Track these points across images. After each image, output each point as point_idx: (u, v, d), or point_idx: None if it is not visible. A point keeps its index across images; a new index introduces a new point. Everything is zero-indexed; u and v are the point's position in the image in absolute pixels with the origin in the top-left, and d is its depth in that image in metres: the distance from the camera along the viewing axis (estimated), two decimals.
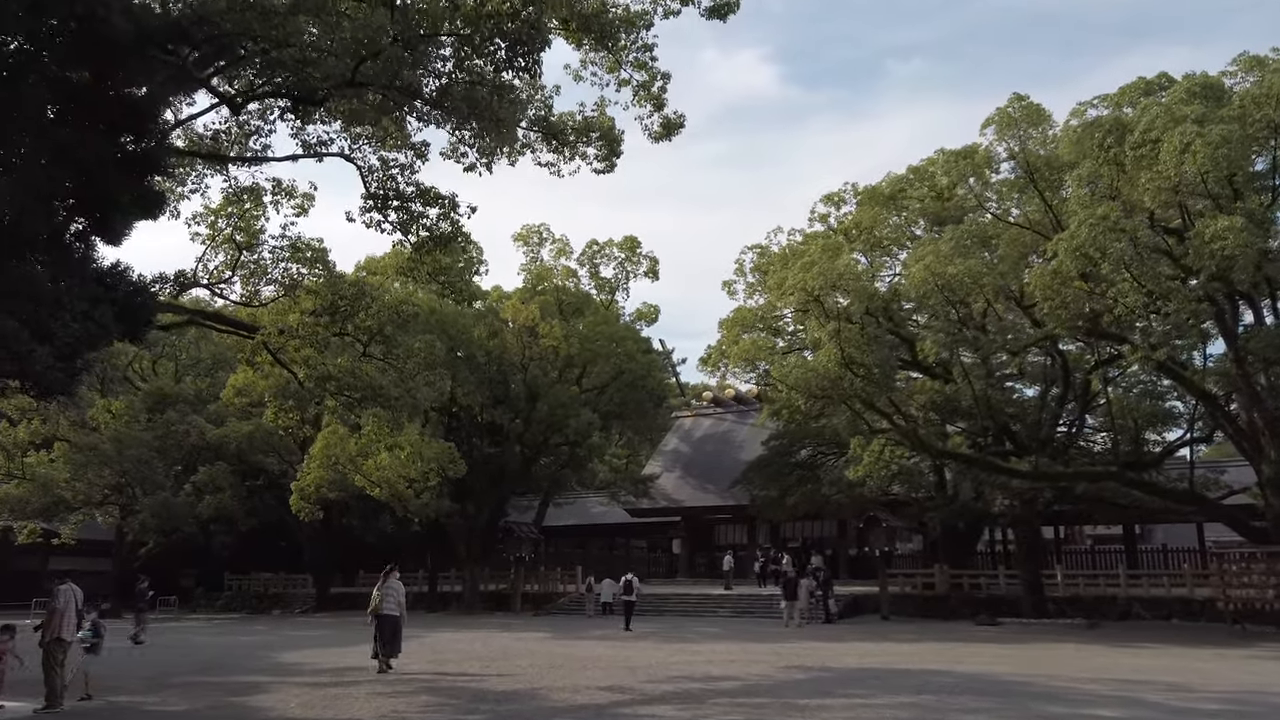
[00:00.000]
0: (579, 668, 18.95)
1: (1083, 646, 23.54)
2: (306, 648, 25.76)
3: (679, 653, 22.12)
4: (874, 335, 24.92)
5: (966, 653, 21.65)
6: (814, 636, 26.98)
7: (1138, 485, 28.12)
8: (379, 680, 17.63)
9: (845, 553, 44.53)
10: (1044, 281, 20.45)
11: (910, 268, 23.05)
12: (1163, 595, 33.02)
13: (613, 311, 40.91)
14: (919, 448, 27.65)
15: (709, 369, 30.86)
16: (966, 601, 35.60)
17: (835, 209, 30.79)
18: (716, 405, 55.15)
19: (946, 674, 17.11)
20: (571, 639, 26.94)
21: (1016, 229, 24.21)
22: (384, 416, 20.76)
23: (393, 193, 19.69)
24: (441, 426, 39.79)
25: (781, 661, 19.74)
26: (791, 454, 39.39)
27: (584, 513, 54.23)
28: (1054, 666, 18.41)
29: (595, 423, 37.75)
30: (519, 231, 40.81)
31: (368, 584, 50.24)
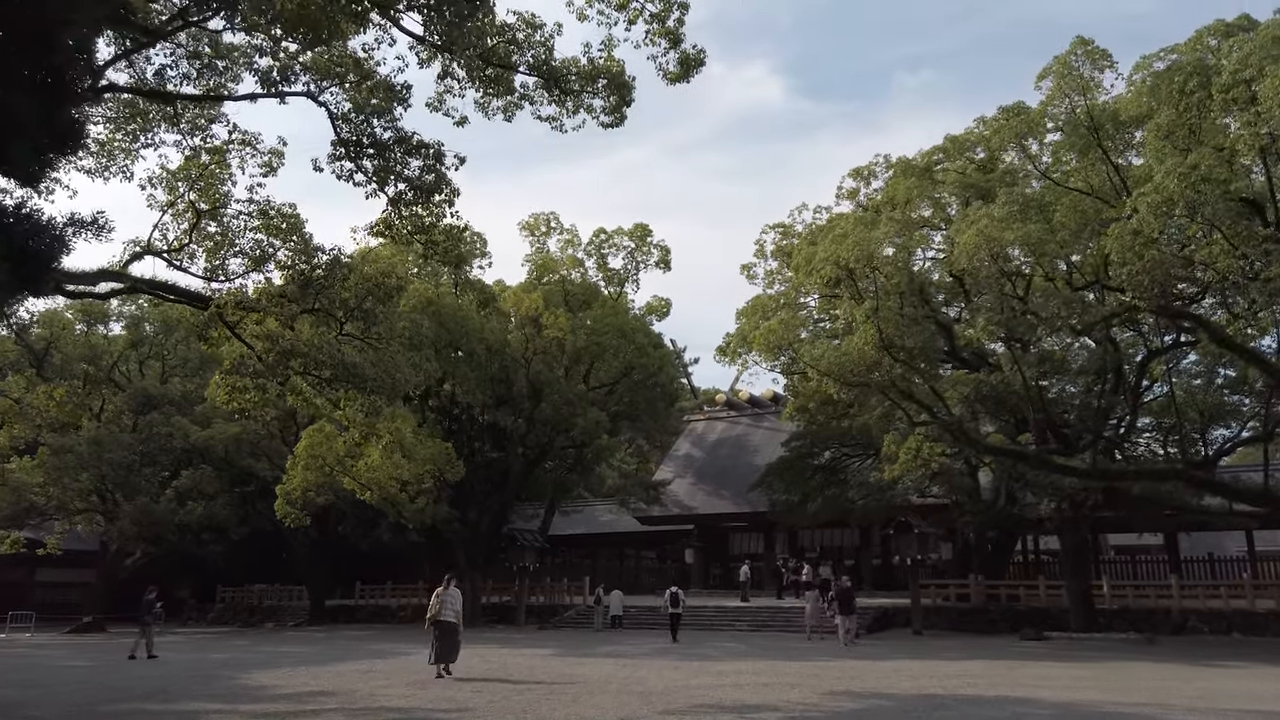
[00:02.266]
0: (584, 693, 15.74)
1: (1159, 665, 20.26)
2: (282, 666, 22.59)
3: (700, 673, 18.88)
4: (914, 316, 21.76)
5: (1032, 675, 18.36)
6: (847, 654, 23.71)
7: (1206, 485, 24.80)
8: (341, 709, 14.45)
9: (869, 562, 41.17)
10: (1123, 243, 17.33)
11: (961, 234, 19.93)
12: (1220, 607, 29.80)
13: (622, 304, 37.81)
14: (964, 443, 24.40)
15: (727, 359, 27.77)
16: (1005, 615, 32.41)
17: (864, 184, 27.68)
18: (730, 408, 51.91)
19: (1032, 703, 13.85)
20: (578, 656, 23.73)
21: (1075, 195, 21.07)
22: (358, 400, 17.68)
23: (368, 139, 16.67)
24: (440, 428, 36.67)
25: (822, 685, 16.49)
26: (814, 456, 36.14)
27: (592, 521, 50.99)
28: (1149, 693, 15.13)
29: (603, 423, 34.59)
30: (526, 220, 37.86)
31: (365, 596, 47.53)
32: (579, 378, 36.74)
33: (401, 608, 44.10)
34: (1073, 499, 27.21)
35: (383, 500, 30.81)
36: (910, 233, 22.62)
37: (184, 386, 42.90)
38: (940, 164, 26.68)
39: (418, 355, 19.30)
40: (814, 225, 27.97)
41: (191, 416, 40.66)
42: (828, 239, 22.38)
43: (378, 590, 46.11)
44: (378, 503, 31.48)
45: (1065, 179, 21.98)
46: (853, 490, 33.81)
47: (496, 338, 34.55)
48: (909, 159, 26.71)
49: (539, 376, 34.18)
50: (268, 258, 20.40)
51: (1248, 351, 21.78)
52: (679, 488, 46.05)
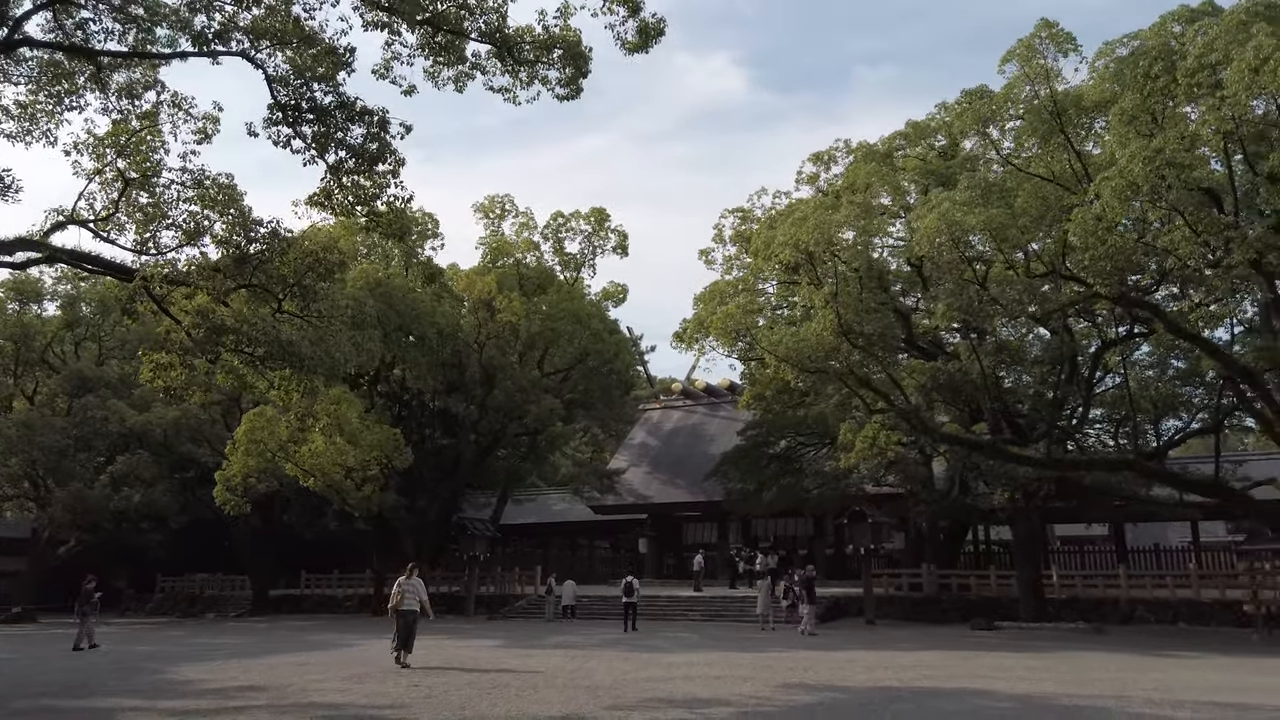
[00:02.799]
0: (528, 686, 15.02)
1: (1111, 655, 20.09)
2: (214, 659, 21.53)
3: (650, 665, 18.26)
4: (873, 302, 21.30)
5: (987, 666, 18.03)
6: (801, 644, 23.27)
7: (1157, 476, 24.76)
8: (269, 705, 13.57)
9: (823, 552, 40.90)
10: (1085, 228, 16.99)
11: (922, 218, 19.48)
12: (1167, 597, 29.98)
13: (578, 289, 36.92)
14: (921, 432, 24.05)
15: (684, 345, 27.14)
16: (956, 604, 32.35)
17: (824, 169, 27.19)
18: (686, 397, 51.37)
19: (989, 695, 13.43)
20: (525, 647, 23.00)
21: (1037, 181, 20.74)
22: (293, 379, 16.70)
23: (307, 103, 15.68)
24: (389, 414, 35.56)
25: (775, 678, 15.95)
26: (769, 445, 35.69)
27: (545, 510, 50.17)
28: (1105, 684, 14.82)
29: (558, 410, 33.78)
30: (480, 202, 36.75)
31: (311, 586, 46.26)
32: (533, 364, 35.86)
33: (348, 598, 42.98)
34: (1025, 489, 27.08)
35: (327, 487, 29.72)
36: (870, 217, 22.16)
37: (121, 369, 41.19)
38: (901, 149, 26.28)
39: (360, 335, 18.34)
40: (773, 210, 27.44)
41: (129, 400, 39.02)
42: (787, 223, 21.83)
43: (324, 580, 44.92)
44: (322, 490, 30.37)
45: (1027, 165, 21.66)
46: (808, 479, 33.44)
47: (448, 322, 33.53)
48: (870, 144, 26.27)
49: (492, 362, 33.24)
50: (203, 231, 19.24)
51: (1203, 341, 21.69)
52: (634, 477, 45.42)
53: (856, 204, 21.63)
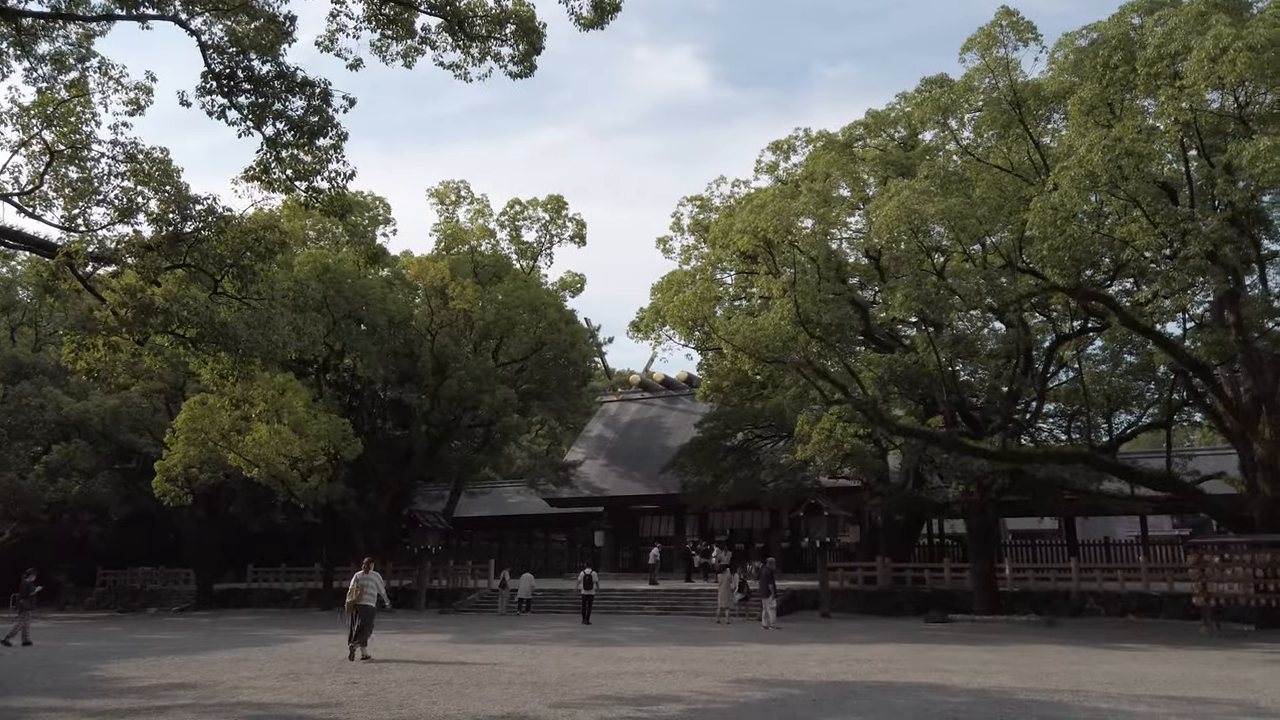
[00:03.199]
0: (472, 683, 14.40)
1: (1065, 648, 20.00)
2: (149, 655, 20.59)
3: (601, 660, 17.74)
4: (832, 291, 20.95)
5: (942, 659, 17.77)
6: (755, 638, 22.91)
7: (1111, 468, 24.78)
8: (195, 705, 12.81)
9: (778, 545, 40.70)
10: (1044, 217, 16.77)
11: (881, 206, 19.14)
12: (1117, 590, 30.15)
13: (534, 278, 36.16)
14: (877, 424, 23.79)
15: (641, 334, 26.59)
16: (911, 597, 32.30)
17: (784, 159, 26.80)
18: (644, 390, 50.88)
19: (945, 690, 13.10)
20: (475, 642, 22.35)
21: (996, 172, 20.54)
22: (229, 363, 15.87)
23: (244, 71, 14.86)
24: (338, 403, 34.57)
25: (729, 672, 15.52)
26: (726, 438, 35.35)
27: (500, 503, 49.40)
28: (1061, 677, 14.60)
29: (512, 400, 33.03)
30: (435, 188, 35.80)
31: (259, 579, 45.04)
32: (488, 353, 35.07)
33: (296, 591, 41.90)
34: (980, 482, 27.01)
35: (271, 478, 28.73)
36: (830, 206, 21.79)
37: (58, 355, 39.59)
38: (860, 139, 25.98)
39: (303, 318, 17.53)
40: (732, 199, 27.00)
41: (66, 388, 37.56)
42: (745, 210, 21.39)
43: (271, 573, 43.75)
44: (266, 480, 29.38)
45: (986, 155, 21.43)
46: (765, 472, 33.13)
47: (400, 310, 32.63)
48: (830, 134, 25.93)
49: (444, 351, 32.39)
50: (136, 208, 18.30)
51: (1156, 335, 21.68)
52: (590, 469, 44.84)
53: (816, 192, 21.26)
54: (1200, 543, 24.53)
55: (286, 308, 17.94)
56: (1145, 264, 17.41)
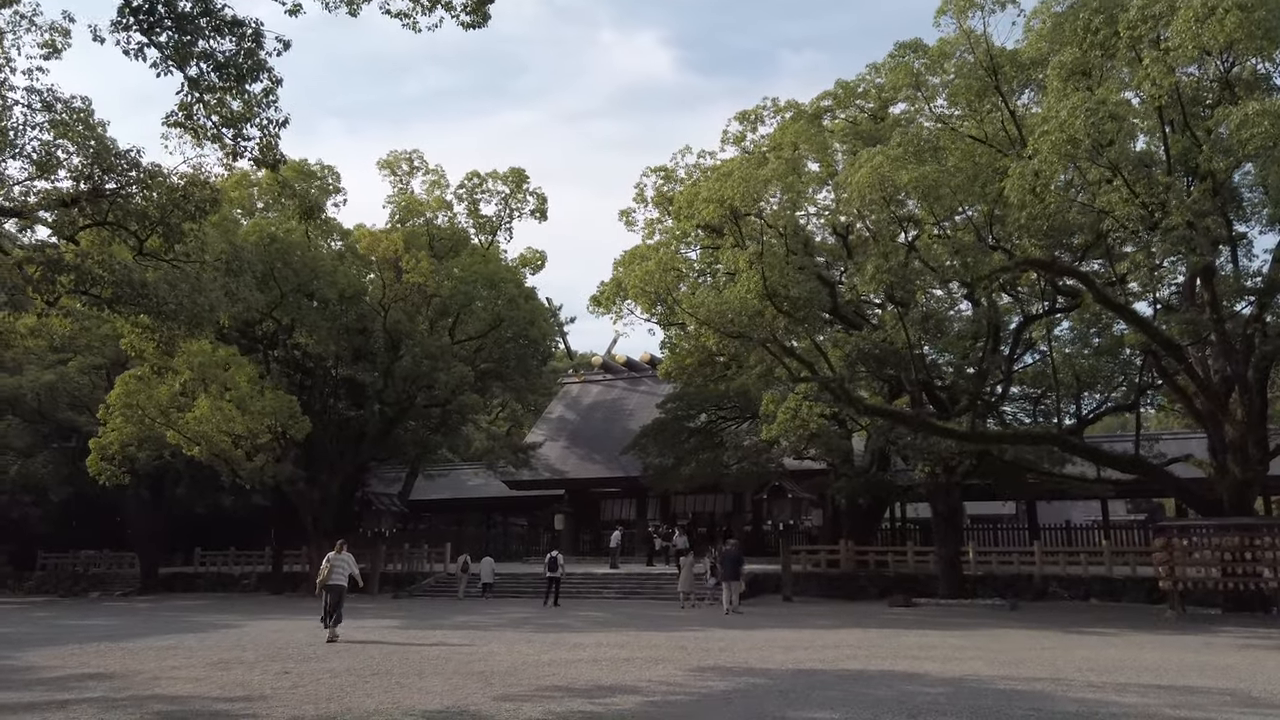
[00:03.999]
0: (413, 672, 13.26)
1: (1034, 633, 19.33)
2: (73, 642, 19.13)
3: (555, 647, 16.68)
4: (800, 264, 19.96)
5: (911, 645, 16.96)
6: (717, 623, 21.99)
7: (1080, 450, 24.14)
8: (103, 699, 11.51)
9: (741, 528, 39.89)
10: (1023, 184, 15.89)
11: (854, 174, 18.17)
12: (1080, 573, 29.73)
13: (493, 253, 34.77)
14: (845, 403, 22.91)
15: (601, 309, 25.42)
16: (874, 581, 31.67)
17: (751, 130, 25.69)
18: (606, 371, 49.73)
19: (919, 679, 12.20)
20: (425, 628, 21.18)
21: (970, 143, 19.65)
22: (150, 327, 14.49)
23: (164, 7, 13.42)
24: (287, 380, 32.99)
25: (690, 660, 14.52)
26: (689, 419, 34.36)
27: (459, 485, 48.06)
28: (1037, 665, 13.81)
29: (468, 378, 31.69)
30: (385, 158, 34.13)
31: (207, 563, 43.33)
32: (444, 331, 33.65)
33: (245, 575, 40.33)
34: (947, 464, 26.29)
35: (213, 457, 27.21)
36: (799, 173, 20.76)
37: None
38: (829, 111, 24.98)
39: (236, 282, 16.16)
40: (698, 168, 25.89)
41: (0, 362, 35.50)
42: (712, 179, 20.31)
43: (220, 557, 42.09)
44: (208, 459, 27.83)
45: (960, 125, 20.52)
46: (728, 453, 32.20)
47: (351, 284, 31.09)
48: (799, 104, 24.91)
49: (397, 326, 30.93)
50: (57, 163, 16.80)
51: (1129, 313, 20.99)
52: (551, 451, 43.65)
53: (784, 160, 20.21)
54: (1168, 525, 24.01)
55: (219, 270, 16.52)
56: (1125, 235, 16.64)
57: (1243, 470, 21.12)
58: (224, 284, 16.11)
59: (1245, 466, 21.03)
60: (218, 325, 15.77)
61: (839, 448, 28.64)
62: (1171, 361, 22.39)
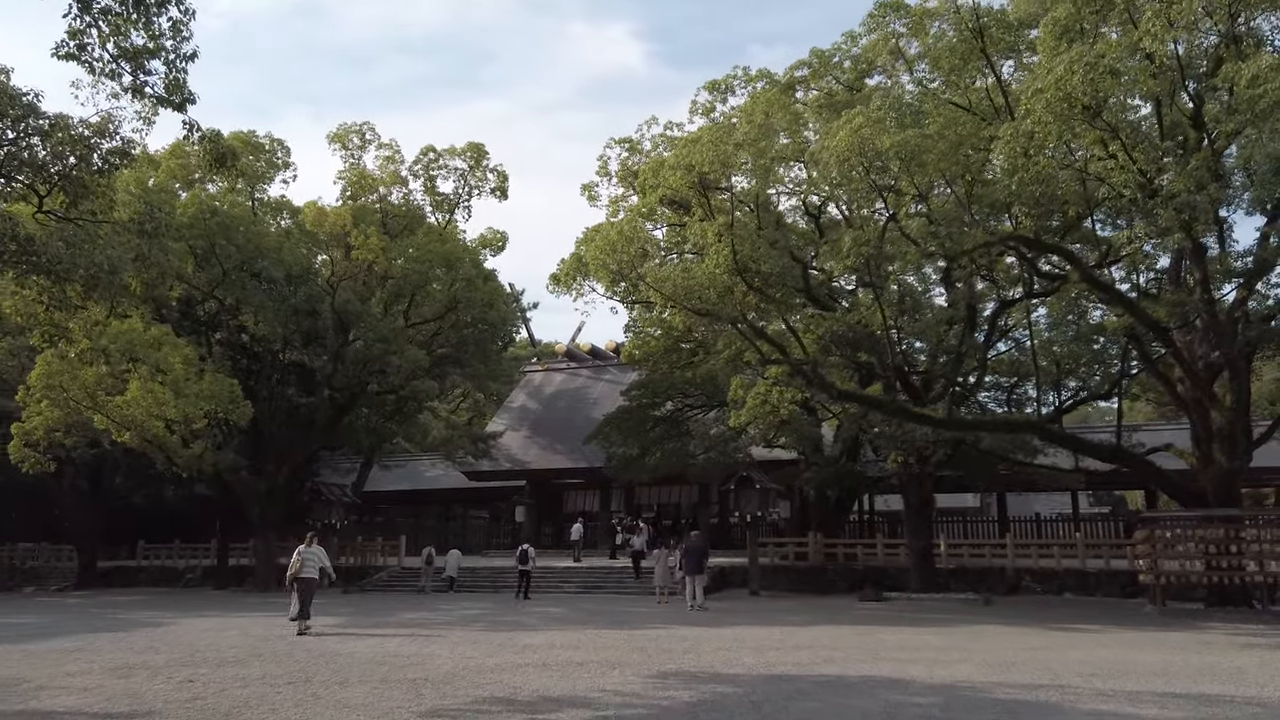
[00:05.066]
0: (337, 680, 11.60)
1: (1017, 630, 18.10)
2: None
3: (504, 648, 15.09)
4: (772, 239, 18.50)
5: (888, 645, 15.60)
6: (682, 620, 20.52)
7: (1059, 439, 22.99)
8: None
9: (707, 520, 38.47)
10: (1014, 146, 14.58)
11: (833, 137, 16.72)
12: (1053, 567, 28.72)
13: (450, 232, 32.95)
14: (818, 388, 21.52)
15: (561, 288, 23.75)
16: (843, 574, 30.46)
17: (721, 101, 24.11)
18: (570, 359, 48.07)
19: (905, 686, 10.78)
20: (368, 627, 19.47)
21: (953, 111, 18.31)
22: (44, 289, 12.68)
23: None
24: (230, 364, 30.96)
25: (650, 664, 13.00)
26: (654, 407, 32.84)
27: (416, 477, 46.17)
28: (1031, 668, 12.48)
29: (422, 362, 29.87)
30: (335, 131, 32.12)
31: (149, 557, 41.12)
32: (399, 314, 31.79)
33: (189, 569, 38.23)
34: (921, 453, 25.04)
35: (145, 443, 25.19)
36: (771, 138, 19.27)
37: None
38: (804, 82, 23.55)
39: (150, 243, 14.38)
40: (665, 137, 24.32)
41: None
42: (680, 145, 18.78)
43: (164, 550, 39.89)
44: (140, 446, 25.81)
45: (942, 92, 19.15)
46: (694, 443, 30.73)
47: (298, 261, 29.12)
48: (771, 73, 23.45)
49: (347, 307, 29.03)
50: None
51: (1116, 293, 19.80)
52: (512, 441, 41.92)
53: (756, 124, 18.70)
54: (1152, 517, 22.92)
55: (131, 231, 14.67)
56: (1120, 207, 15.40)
57: (1229, 459, 20.04)
58: (134, 245, 14.30)
59: (1232, 455, 19.96)
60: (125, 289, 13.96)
61: (810, 436, 27.28)
62: (1155, 346, 21.26)
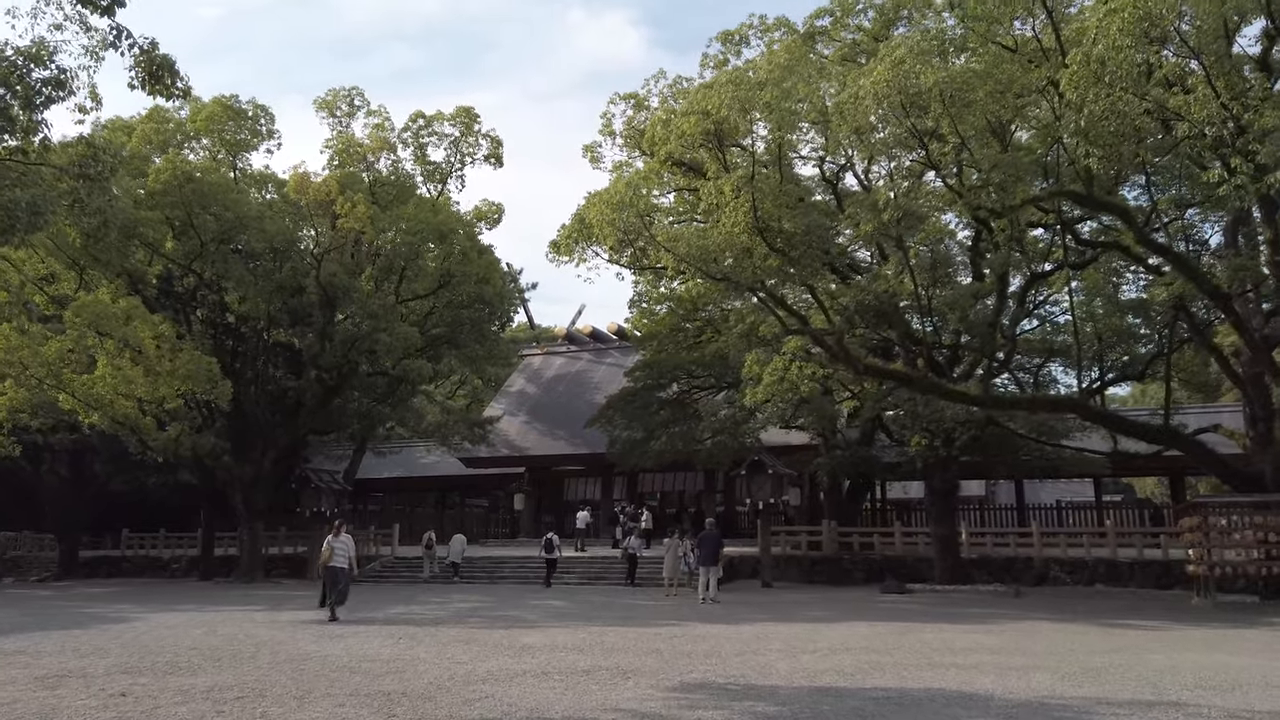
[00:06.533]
0: (296, 694, 9.56)
1: (1069, 628, 16.18)
2: None
3: (499, 650, 13.07)
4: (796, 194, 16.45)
5: (933, 644, 13.61)
6: (696, 615, 18.53)
7: (1103, 419, 20.98)
8: None
9: (713, 508, 36.47)
10: (1085, 74, 12.50)
11: (869, 74, 14.62)
12: (1082, 557, 26.76)
13: (443, 203, 30.80)
14: (843, 361, 19.47)
15: (563, 255, 21.66)
16: (859, 564, 28.56)
17: (735, 53, 21.94)
18: (570, 343, 46.00)
19: (982, 703, 8.76)
20: (350, 623, 17.47)
21: (997, 52, 16.20)
22: None
23: None
24: (211, 342, 28.87)
25: (669, 671, 10.98)
26: (660, 388, 30.77)
27: (411, 463, 44.19)
28: (1124, 676, 10.49)
29: (414, 339, 27.80)
30: (322, 98, 29.95)
31: (134, 546, 39.18)
32: (389, 291, 29.70)
33: (175, 559, 36.28)
34: (948, 436, 23.01)
35: (115, 425, 23.14)
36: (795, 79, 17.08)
37: None
38: (825, 32, 21.44)
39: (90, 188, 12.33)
40: (674, 89, 22.13)
41: None
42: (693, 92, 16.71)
43: (150, 540, 37.93)
44: (109, 428, 23.76)
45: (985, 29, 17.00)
46: (702, 425, 28.65)
47: (281, 232, 26.99)
48: (789, 20, 21.27)
49: (333, 281, 26.90)
50: None
51: (1174, 255, 17.78)
52: (510, 427, 39.87)
53: (779, 65, 16.60)
54: (1203, 503, 20.91)
55: (71, 175, 12.59)
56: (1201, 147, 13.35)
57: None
58: (70, 188, 12.25)
59: None
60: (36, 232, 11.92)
61: (830, 415, 25.19)
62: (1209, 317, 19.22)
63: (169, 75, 10.74)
